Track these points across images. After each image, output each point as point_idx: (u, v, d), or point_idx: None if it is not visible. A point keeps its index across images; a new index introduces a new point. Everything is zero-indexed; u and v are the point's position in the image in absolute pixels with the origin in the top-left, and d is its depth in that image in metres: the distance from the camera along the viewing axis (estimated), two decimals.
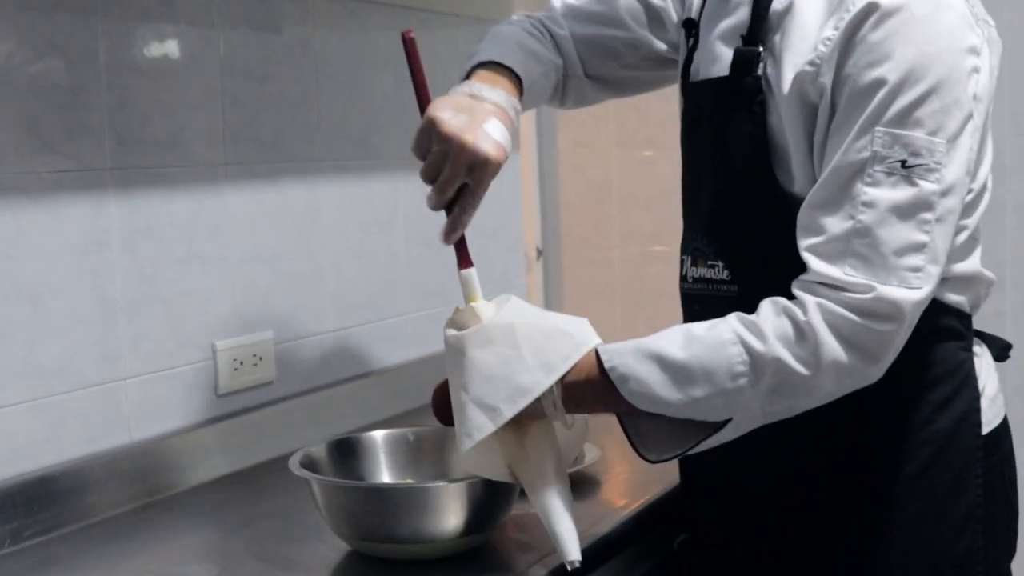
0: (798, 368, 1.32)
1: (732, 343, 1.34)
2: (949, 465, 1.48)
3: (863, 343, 1.32)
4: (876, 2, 1.33)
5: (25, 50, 1.72)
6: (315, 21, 2.27)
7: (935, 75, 1.32)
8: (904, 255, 1.32)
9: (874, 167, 1.33)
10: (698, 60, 1.60)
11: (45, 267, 1.76)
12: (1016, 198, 3.06)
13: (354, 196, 2.37)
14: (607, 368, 1.39)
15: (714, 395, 1.35)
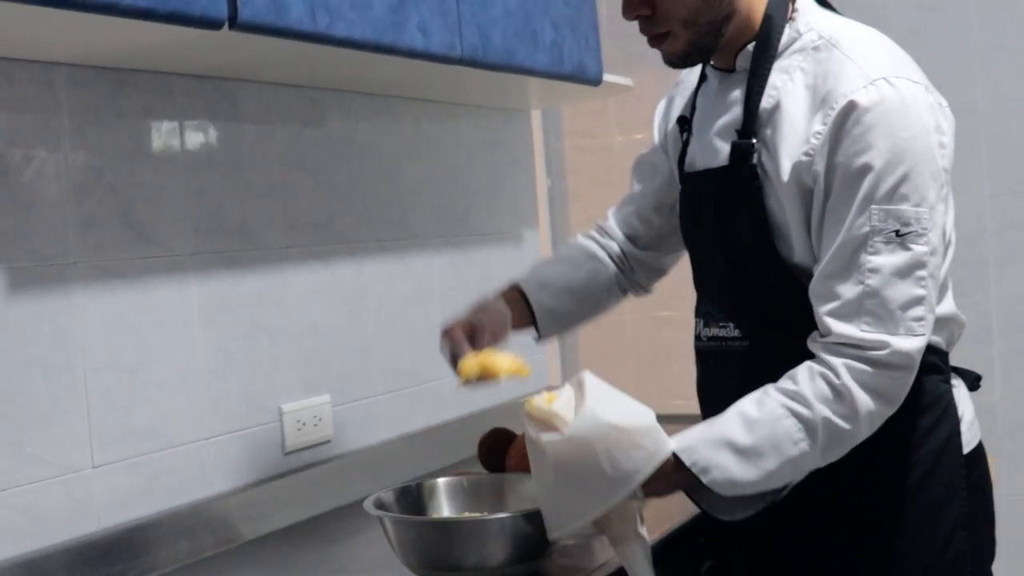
0: (842, 424, 1.56)
1: (785, 416, 1.57)
2: (938, 481, 1.71)
3: (886, 391, 1.57)
4: (855, 101, 1.58)
5: (119, 152, 1.98)
6: (357, 116, 2.53)
7: (912, 157, 1.57)
8: (908, 308, 1.56)
9: (874, 239, 1.56)
10: (693, 153, 1.85)
11: (139, 342, 2.01)
12: (996, 254, 3.30)
13: (395, 272, 2.62)
14: (689, 464, 1.60)
15: (783, 464, 1.58)
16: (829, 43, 1.67)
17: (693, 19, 1.68)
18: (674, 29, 1.70)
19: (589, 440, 1.58)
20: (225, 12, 1.66)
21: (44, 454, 1.85)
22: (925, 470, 1.70)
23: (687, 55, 1.74)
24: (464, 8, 2.18)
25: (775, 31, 1.70)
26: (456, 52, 2.16)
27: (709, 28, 1.70)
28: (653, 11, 1.70)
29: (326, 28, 1.84)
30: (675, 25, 1.69)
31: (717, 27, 1.70)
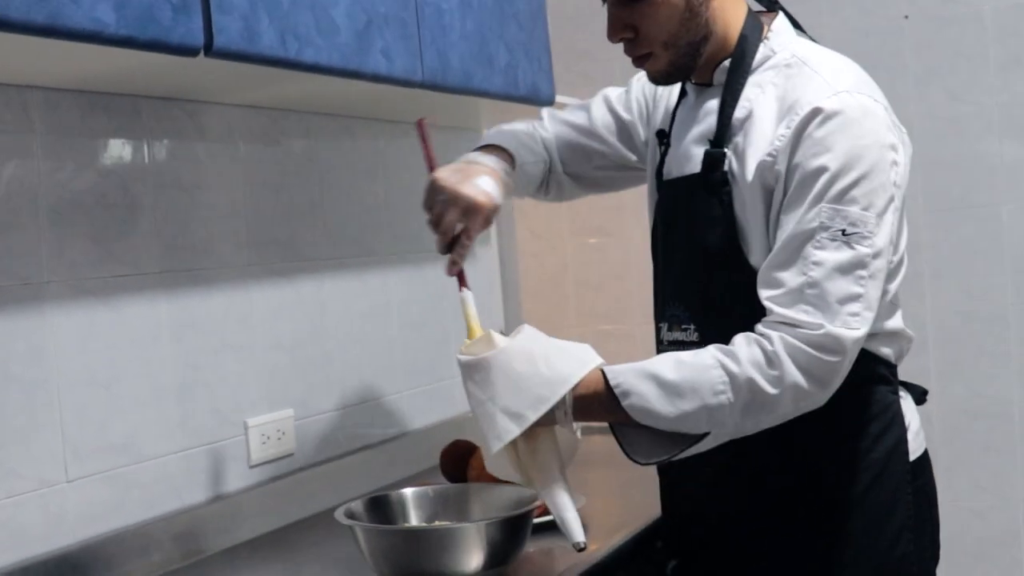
0: (767, 388, 1.65)
1: (714, 367, 1.67)
2: (885, 486, 1.80)
3: (815, 370, 1.65)
4: (819, 107, 1.69)
5: (90, 173, 2.03)
6: (316, 136, 2.60)
7: (866, 164, 1.67)
8: (845, 303, 1.65)
9: (821, 235, 1.66)
10: (670, 162, 1.95)
11: (112, 358, 2.06)
12: (931, 268, 3.43)
13: (354, 289, 2.68)
14: (612, 384, 1.71)
15: (699, 409, 1.67)
16: (800, 61, 1.78)
17: (673, 41, 1.81)
18: (655, 50, 1.83)
19: (529, 347, 1.73)
20: (201, 40, 1.72)
21: (21, 468, 1.89)
22: (874, 475, 1.79)
23: (668, 74, 1.86)
24: (424, 33, 2.25)
25: (749, 49, 1.82)
26: (418, 76, 2.23)
27: (688, 49, 1.82)
28: (636, 33, 1.82)
29: (295, 54, 1.91)
30: (656, 47, 1.82)
31: (695, 47, 1.82)
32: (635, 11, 1.80)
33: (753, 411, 1.67)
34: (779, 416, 1.69)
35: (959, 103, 3.42)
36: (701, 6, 1.80)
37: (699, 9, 1.80)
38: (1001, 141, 3.37)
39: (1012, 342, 3.38)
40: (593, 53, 3.85)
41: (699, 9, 1.80)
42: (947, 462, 2.30)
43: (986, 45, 3.39)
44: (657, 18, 1.79)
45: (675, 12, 1.79)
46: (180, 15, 1.68)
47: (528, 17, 2.65)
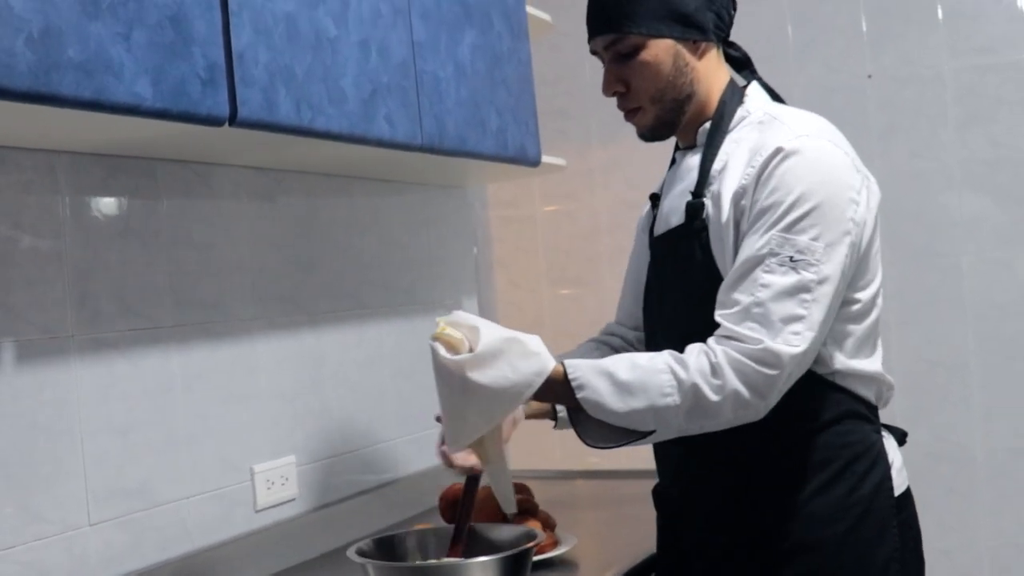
0: (709, 394, 1.78)
1: (664, 371, 1.80)
2: (872, 520, 1.92)
3: (754, 382, 1.78)
4: (781, 147, 1.85)
5: (110, 232, 2.16)
6: (316, 195, 2.73)
7: (818, 198, 1.81)
8: (788, 323, 1.79)
9: (770, 260, 1.81)
10: (659, 221, 2.10)
11: (129, 406, 2.18)
12: (897, 317, 3.57)
13: (350, 341, 2.81)
14: (570, 377, 1.84)
15: (647, 409, 1.80)
16: (772, 117, 1.95)
17: (659, 96, 2.00)
18: (644, 105, 2.02)
19: (496, 352, 1.82)
20: (227, 111, 1.86)
21: (47, 513, 2.00)
22: (862, 510, 1.92)
23: (655, 128, 2.05)
24: (423, 100, 2.39)
25: (728, 111, 2.00)
26: (417, 140, 2.38)
27: (673, 105, 2.01)
28: (627, 88, 2.01)
29: (309, 122, 2.05)
30: (644, 101, 2.01)
31: (680, 104, 2.01)
32: (628, 67, 1.99)
33: (696, 415, 1.80)
34: (720, 422, 1.81)
35: (920, 159, 3.58)
36: (686, 67, 1.99)
37: (684, 70, 1.99)
38: (961, 195, 3.53)
39: (974, 387, 3.53)
40: (569, 111, 4.01)
41: (684, 70, 1.99)
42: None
43: (946, 104, 3.55)
44: (646, 74, 1.99)
45: (662, 70, 1.98)
46: (208, 88, 1.82)
47: (516, 83, 2.81)
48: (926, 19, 3.55)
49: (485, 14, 2.70)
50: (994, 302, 3.50)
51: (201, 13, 1.82)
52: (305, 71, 2.05)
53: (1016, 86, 3.45)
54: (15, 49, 1.50)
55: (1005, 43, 3.47)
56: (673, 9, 1.96)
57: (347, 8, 2.18)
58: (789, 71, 3.66)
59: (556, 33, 3.52)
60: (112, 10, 1.65)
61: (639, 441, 1.85)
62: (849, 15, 3.64)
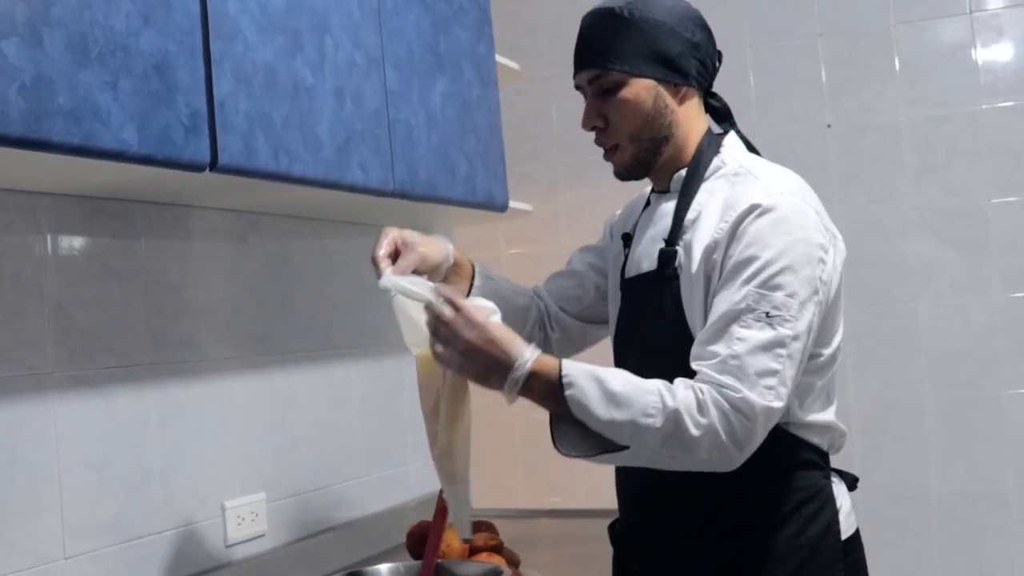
0: (690, 428, 1.80)
1: (652, 392, 1.82)
2: (820, 562, 1.99)
3: (733, 429, 1.81)
4: (756, 203, 1.90)
5: (89, 272, 2.21)
6: (288, 236, 2.79)
7: (792, 256, 1.87)
8: (763, 377, 1.83)
9: (747, 316, 1.85)
10: (631, 263, 2.16)
11: (105, 443, 2.22)
12: (854, 360, 3.66)
13: (320, 380, 2.86)
14: (563, 373, 1.85)
15: (628, 423, 1.80)
16: (746, 171, 2.01)
17: (637, 135, 2.06)
18: (622, 143, 2.08)
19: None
20: (208, 157, 1.93)
21: (24, 545, 2.04)
22: (809, 551, 1.98)
23: (631, 167, 2.10)
24: (395, 147, 2.47)
25: (704, 160, 2.07)
26: (389, 186, 2.44)
27: (650, 145, 2.07)
28: (607, 124, 2.07)
29: (286, 168, 2.11)
30: (622, 139, 2.07)
31: (657, 145, 2.07)
32: (608, 103, 2.06)
33: (672, 444, 1.81)
34: (692, 460, 1.83)
35: (878, 206, 3.68)
36: (665, 108, 2.06)
37: (664, 111, 2.05)
38: (916, 242, 3.63)
39: (929, 430, 3.61)
40: (536, 154, 4.09)
41: (664, 111, 2.05)
42: (870, 542, 2.44)
43: (902, 153, 3.66)
44: (626, 112, 2.05)
45: (642, 109, 2.04)
46: (191, 135, 1.88)
47: (485, 130, 2.88)
48: (884, 70, 3.66)
49: (456, 63, 2.78)
50: (949, 347, 3.60)
51: (185, 62, 1.89)
52: (283, 119, 2.12)
53: (970, 137, 3.57)
54: (8, 96, 1.56)
55: (959, 95, 3.59)
56: (657, 51, 2.03)
57: (323, 58, 2.25)
58: (752, 120, 3.76)
59: (523, 80, 3.61)
60: (101, 59, 1.71)
61: (611, 456, 1.85)
62: (809, 66, 3.75)
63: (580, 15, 2.09)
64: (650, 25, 2.03)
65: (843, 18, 3.72)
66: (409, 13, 2.59)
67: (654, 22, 2.03)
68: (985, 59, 3.57)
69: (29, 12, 1.61)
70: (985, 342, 3.57)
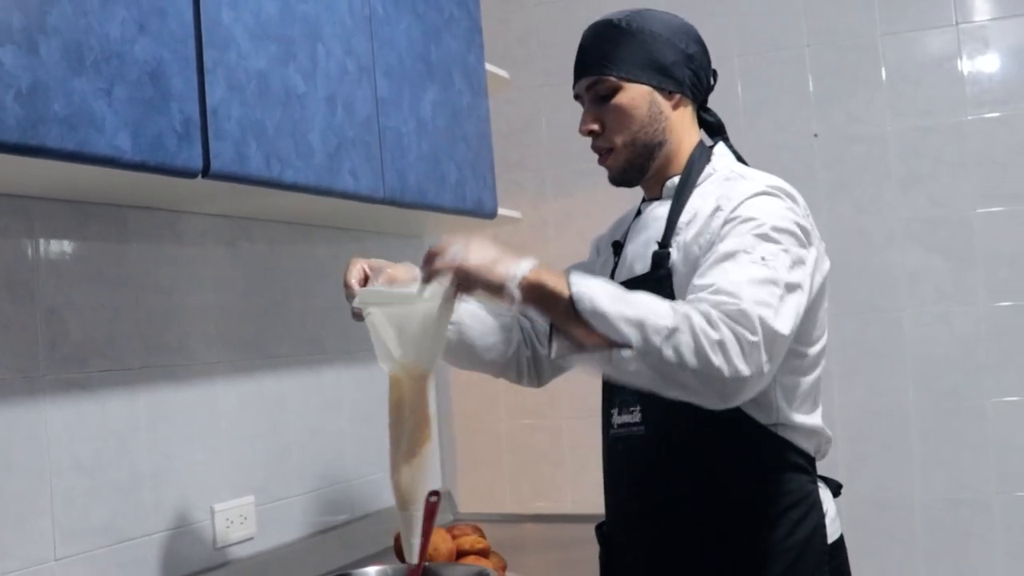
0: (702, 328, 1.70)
1: (663, 303, 1.75)
2: (806, 565, 2.02)
3: (743, 339, 1.71)
4: (752, 191, 1.94)
5: (81, 276, 2.23)
6: (279, 242, 2.81)
7: (785, 224, 1.89)
8: (759, 307, 1.76)
9: (742, 256, 1.85)
10: (621, 267, 2.19)
11: (96, 447, 2.24)
12: (840, 368, 3.69)
13: (310, 384, 2.89)
14: (572, 276, 1.78)
15: (636, 318, 1.71)
16: (737, 174, 2.07)
17: (632, 140, 2.12)
18: (616, 147, 2.13)
19: None
20: (201, 164, 1.95)
21: (14, 549, 2.06)
22: (796, 554, 2.01)
23: (625, 171, 2.15)
24: (386, 155, 2.49)
25: (696, 168, 2.12)
26: (380, 193, 2.47)
27: (644, 150, 2.13)
28: (603, 129, 2.13)
29: (278, 175, 2.14)
30: (618, 143, 2.13)
31: (650, 151, 2.13)
32: (605, 108, 2.13)
33: (683, 345, 1.70)
34: (682, 383, 1.73)
35: (864, 215, 3.71)
36: (660, 115, 2.12)
37: (658, 117, 2.12)
38: (903, 252, 3.65)
39: (913, 439, 3.64)
40: (525, 163, 4.11)
41: (658, 117, 2.12)
42: (855, 549, 2.46)
43: (889, 163, 3.68)
44: (621, 116, 2.11)
45: (637, 114, 2.11)
46: (184, 142, 1.91)
47: (475, 138, 2.91)
48: (871, 80, 3.69)
49: (447, 72, 2.81)
50: (933, 356, 3.62)
51: (179, 70, 1.91)
52: (275, 126, 2.14)
53: (955, 147, 3.59)
54: (5, 103, 1.58)
55: (945, 106, 3.62)
56: (652, 59, 2.11)
57: (315, 65, 2.28)
58: (739, 129, 3.78)
59: (513, 88, 3.63)
60: (96, 67, 1.74)
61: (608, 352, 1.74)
62: (797, 76, 3.77)
63: (570, 25, 2.14)
64: (646, 35, 2.11)
65: (830, 29, 3.75)
66: (400, 22, 2.62)
67: (650, 33, 2.11)
68: (971, 70, 3.60)
69: (25, 20, 1.63)
70: (970, 351, 3.59)
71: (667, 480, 1.98)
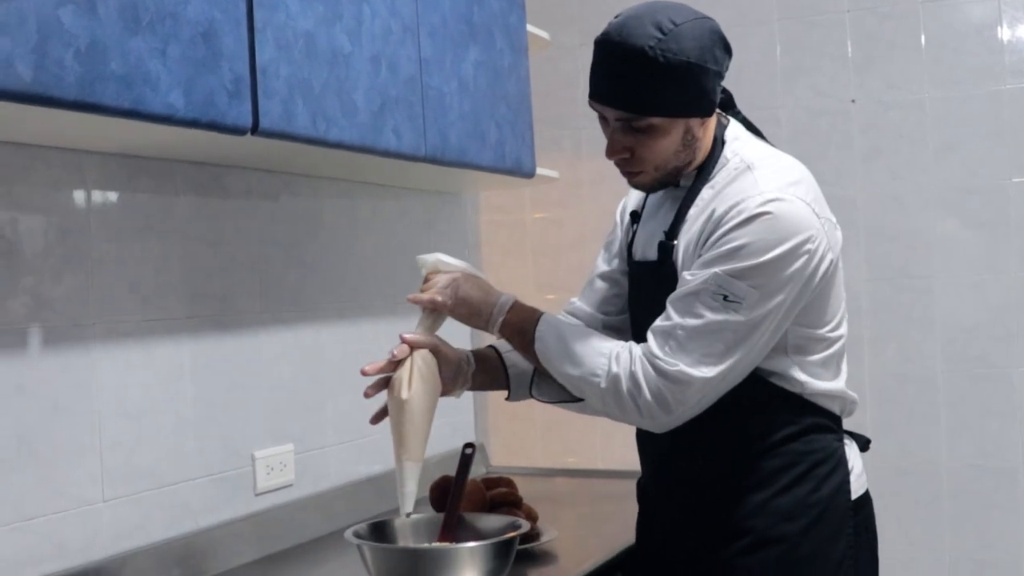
0: (624, 391, 1.98)
1: (604, 355, 2.02)
2: (830, 520, 2.08)
3: (662, 396, 1.95)
4: (742, 208, 1.96)
5: (131, 228, 2.30)
6: (321, 197, 2.87)
7: (767, 254, 1.92)
8: (706, 355, 1.94)
9: (705, 295, 1.95)
10: (638, 243, 2.24)
11: (142, 393, 2.32)
12: (871, 333, 3.72)
13: (348, 336, 2.95)
14: (537, 325, 2.09)
15: (578, 379, 2.04)
16: (747, 166, 2.06)
17: (664, 164, 2.08)
18: (646, 170, 2.09)
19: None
20: (250, 122, 2.01)
21: (65, 489, 2.14)
22: (821, 509, 2.07)
23: (652, 187, 2.15)
24: (428, 113, 2.54)
25: (713, 158, 2.11)
26: (421, 152, 2.52)
27: (674, 171, 2.11)
28: (632, 155, 2.08)
29: (323, 133, 2.19)
30: (648, 167, 2.09)
31: (680, 170, 2.11)
32: (636, 139, 2.05)
33: (611, 403, 2.01)
34: (630, 418, 2.03)
35: (900, 181, 3.72)
36: (693, 140, 2.07)
37: (692, 143, 2.08)
38: (936, 219, 3.67)
39: (941, 405, 3.68)
40: (563, 122, 4.15)
41: (692, 143, 2.08)
42: (879, 514, 2.50)
43: (925, 130, 3.70)
44: (654, 147, 2.06)
45: (672, 144, 2.06)
46: (234, 100, 1.96)
47: (516, 98, 2.95)
48: (910, 46, 3.69)
49: (488, 32, 2.85)
50: (963, 323, 3.65)
51: (230, 30, 1.96)
52: (321, 85, 2.19)
53: (992, 116, 3.60)
54: (65, 62, 1.64)
55: (984, 74, 3.62)
56: (690, 93, 2.00)
57: (361, 25, 2.32)
58: (777, 94, 3.81)
59: (553, 48, 3.67)
60: (151, 27, 1.79)
61: (569, 406, 2.15)
62: (836, 41, 3.79)
63: None
64: (683, 69, 1.97)
65: None
66: None
67: (687, 65, 1.97)
68: (1011, 39, 3.61)
69: None
70: (1000, 320, 3.62)
71: (699, 442, 2.06)
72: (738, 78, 3.84)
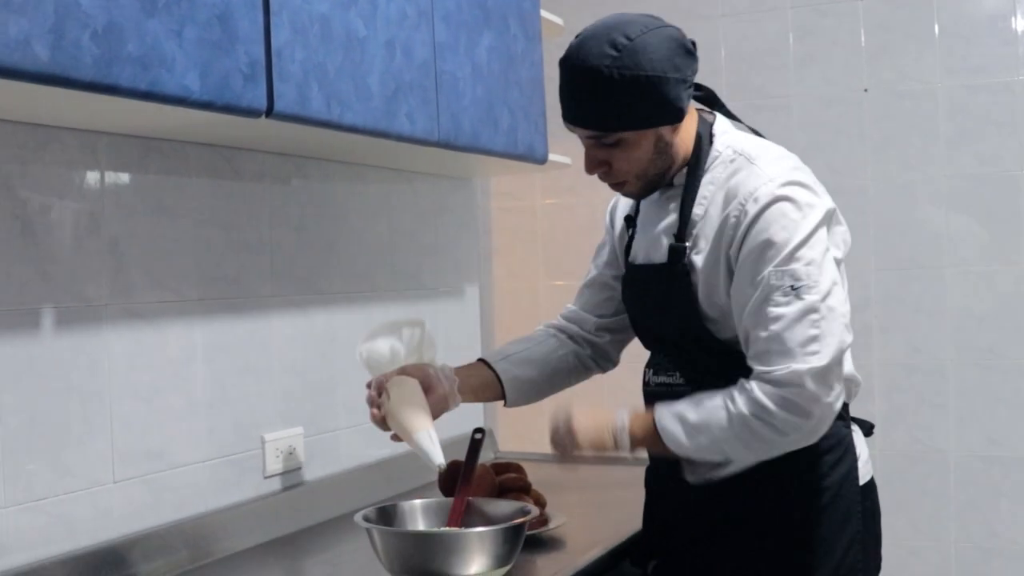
0: (758, 426, 1.95)
1: (720, 408, 1.98)
2: (839, 506, 2.10)
3: (792, 405, 1.93)
4: (757, 196, 1.98)
5: (144, 209, 2.30)
6: (333, 180, 2.87)
7: (800, 233, 1.96)
8: (805, 345, 1.93)
9: (774, 294, 1.96)
10: (637, 247, 2.25)
11: (153, 375, 2.32)
12: (879, 322, 3.72)
13: (359, 320, 2.95)
14: (656, 418, 2.06)
15: (712, 444, 2.01)
16: (741, 155, 2.08)
17: (644, 173, 2.11)
18: (628, 180, 2.13)
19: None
20: (265, 105, 2.01)
21: (76, 469, 2.15)
22: (830, 496, 2.09)
23: (640, 194, 2.18)
24: (441, 98, 2.54)
25: (702, 155, 2.12)
26: (434, 136, 2.52)
27: (656, 176, 2.13)
28: (610, 168, 2.11)
29: (337, 117, 2.19)
30: (629, 177, 2.12)
31: (663, 174, 2.13)
32: (609, 152, 2.10)
33: (754, 444, 1.98)
34: (781, 445, 1.99)
35: (911, 171, 3.72)
36: (667, 146, 2.09)
37: (665, 149, 2.09)
38: (946, 210, 3.67)
39: (949, 394, 3.68)
40: None
41: (665, 149, 2.09)
42: (886, 502, 2.49)
43: (937, 121, 3.69)
44: (629, 159, 2.09)
45: (645, 154, 2.09)
46: (249, 83, 1.96)
47: (529, 84, 2.95)
48: (923, 36, 3.69)
49: (502, 17, 2.85)
50: (973, 313, 3.65)
51: (246, 12, 1.96)
52: (336, 69, 2.19)
53: (1005, 108, 3.60)
54: (82, 43, 1.64)
55: (997, 65, 3.62)
56: (652, 104, 2.02)
57: (376, 10, 2.32)
58: (789, 82, 3.80)
59: (566, 34, 3.66)
60: (167, 8, 1.79)
61: (724, 470, 2.07)
62: (849, 30, 3.78)
63: None
64: (641, 82, 1.99)
65: None
66: None
67: (644, 79, 1.99)
68: None
69: None
70: (1010, 311, 3.62)
71: None
72: (750, 66, 3.85)
